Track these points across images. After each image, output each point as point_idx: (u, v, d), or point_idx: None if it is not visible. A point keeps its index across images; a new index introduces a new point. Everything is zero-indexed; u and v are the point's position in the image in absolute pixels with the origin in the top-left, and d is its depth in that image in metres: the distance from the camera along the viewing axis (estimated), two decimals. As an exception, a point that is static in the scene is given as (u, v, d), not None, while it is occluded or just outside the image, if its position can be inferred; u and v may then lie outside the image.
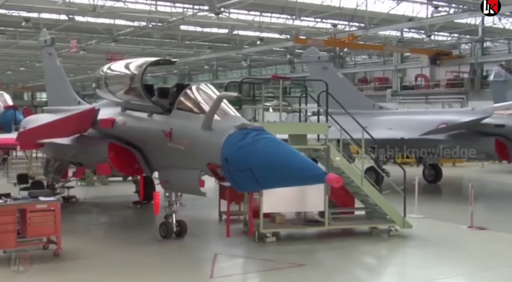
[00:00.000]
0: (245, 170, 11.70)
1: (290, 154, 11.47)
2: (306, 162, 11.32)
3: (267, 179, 11.62)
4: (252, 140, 11.82)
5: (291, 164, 11.18)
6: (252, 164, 11.59)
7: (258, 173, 11.59)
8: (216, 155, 12.39)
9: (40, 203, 13.42)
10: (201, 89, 14.14)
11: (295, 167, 11.13)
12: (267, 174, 11.53)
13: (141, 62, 15.16)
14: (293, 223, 16.26)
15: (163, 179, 14.87)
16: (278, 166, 11.30)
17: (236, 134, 12.14)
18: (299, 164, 11.16)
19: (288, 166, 11.20)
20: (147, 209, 20.62)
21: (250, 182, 11.87)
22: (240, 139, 11.97)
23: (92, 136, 16.62)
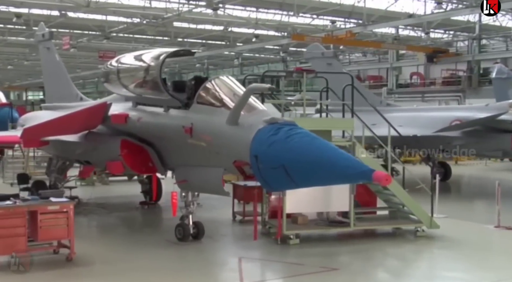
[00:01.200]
0: (278, 168, 10.84)
1: (329, 149, 10.63)
2: (349, 159, 10.48)
3: (303, 177, 10.77)
4: (286, 135, 10.96)
5: (332, 160, 10.33)
6: (286, 161, 10.73)
7: (293, 171, 10.74)
8: (244, 152, 11.52)
9: (52, 204, 12.47)
10: (223, 81, 13.26)
11: (336, 164, 10.27)
12: (303, 172, 10.67)
13: (159, 53, 14.23)
14: (316, 224, 15.42)
15: (180, 178, 13.96)
16: (316, 163, 10.45)
17: (266, 129, 11.28)
18: (341, 160, 10.32)
19: (328, 163, 10.34)
20: (155, 210, 19.75)
21: (283, 180, 11.01)
22: (272, 134, 11.11)
23: (102, 132, 15.66)
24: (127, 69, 15.14)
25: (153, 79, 13.92)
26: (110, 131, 15.46)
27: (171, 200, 14.17)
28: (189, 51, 15.28)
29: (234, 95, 12.84)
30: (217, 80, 13.29)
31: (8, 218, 11.98)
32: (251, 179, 12.45)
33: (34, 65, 76.75)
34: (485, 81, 53.52)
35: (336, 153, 10.51)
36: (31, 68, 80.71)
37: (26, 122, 22.02)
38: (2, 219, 11.91)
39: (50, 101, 23.11)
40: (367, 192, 16.12)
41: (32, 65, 75.95)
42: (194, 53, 16.11)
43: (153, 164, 14.77)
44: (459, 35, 56.22)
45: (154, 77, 13.83)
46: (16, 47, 60.36)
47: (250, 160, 11.39)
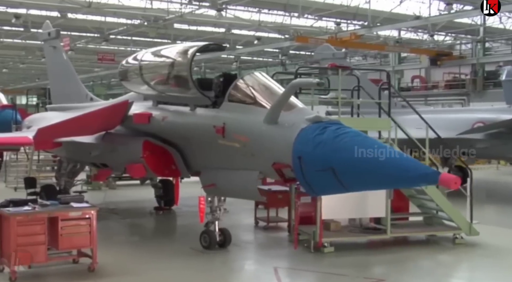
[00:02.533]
0: (326, 170, 9.96)
1: (385, 150, 9.74)
2: (409, 160, 9.59)
3: (356, 180, 9.89)
4: (334, 135, 10.07)
5: (390, 161, 9.44)
6: (335, 163, 9.85)
7: (344, 174, 9.85)
8: (285, 153, 10.63)
9: (73, 210, 11.51)
10: (256, 77, 12.37)
11: (395, 166, 9.38)
12: (355, 175, 9.78)
13: (187, 48, 13.31)
14: (349, 231, 14.52)
15: (207, 182, 13.01)
16: (371, 164, 9.56)
17: (311, 129, 10.39)
18: (401, 161, 9.43)
19: (385, 164, 9.45)
20: (171, 215, 18.78)
21: (331, 184, 10.12)
22: (318, 134, 10.21)
23: (121, 133, 14.70)
24: (150, 65, 14.23)
25: (181, 76, 13.00)
26: (130, 131, 14.51)
27: (199, 205, 13.21)
28: (220, 46, 14.32)
29: (270, 92, 12.00)
30: (250, 77, 12.41)
31: (27, 225, 11.02)
32: (291, 183, 11.51)
33: (29, 68, 75.79)
34: (489, 84, 52.87)
35: (395, 154, 9.63)
36: (27, 71, 79.65)
37: (32, 123, 21.03)
38: (20, 226, 10.95)
39: (57, 102, 22.10)
40: (400, 196, 15.23)
41: (27, 68, 74.91)
42: (225, 48, 15.16)
43: (176, 166, 13.83)
44: (463, 38, 55.47)
45: (183, 73, 12.91)
46: (13, 49, 59.24)
47: (293, 162, 10.50)
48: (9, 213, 11.01)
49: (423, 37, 56.49)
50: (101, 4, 38.86)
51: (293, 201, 14.74)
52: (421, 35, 55.97)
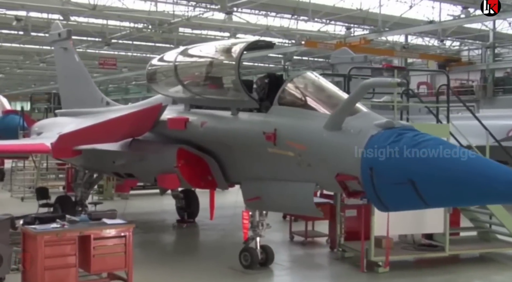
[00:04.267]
0: (404, 184, 8.66)
1: (479, 160, 8.48)
2: (507, 172, 8.25)
3: (441, 195, 8.59)
4: (412, 143, 8.78)
5: (486, 174, 8.15)
6: (416, 175, 8.55)
7: (425, 188, 8.56)
8: (352, 163, 9.33)
9: (107, 228, 10.17)
10: (310, 78, 11.10)
11: (494, 179, 8.08)
12: (442, 189, 8.48)
13: (233, 45, 12.01)
14: (403, 248, 13.23)
15: (251, 194, 11.65)
16: (462, 177, 8.26)
17: (383, 135, 9.09)
18: (500, 174, 8.13)
19: (480, 177, 8.15)
20: (196, 229, 17.43)
21: (409, 199, 8.82)
22: (392, 141, 8.92)
23: (149, 140, 13.37)
24: (188, 65, 12.92)
25: (226, 77, 11.71)
26: (160, 138, 13.18)
27: (242, 221, 11.88)
28: (270, 43, 13.01)
29: (327, 94, 10.73)
30: (302, 77, 11.13)
31: (56, 245, 9.68)
32: (356, 197, 10.19)
33: (26, 73, 74.24)
34: (498, 90, 51.91)
35: (491, 165, 8.33)
36: (23, 76, 78.14)
37: (43, 129, 19.70)
38: (49, 247, 9.61)
39: (68, 107, 20.74)
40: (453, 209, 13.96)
41: (24, 73, 73.38)
42: (274, 45, 13.87)
43: (212, 177, 12.50)
44: (472, 43, 54.53)
45: (229, 74, 11.62)
46: (10, 54, 57.78)
47: (361, 173, 9.18)
48: (35, 231, 9.66)
49: (429, 42, 55.55)
50: (105, 7, 37.58)
51: (339, 214, 13.47)
52: (427, 40, 55.02)
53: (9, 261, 9.96)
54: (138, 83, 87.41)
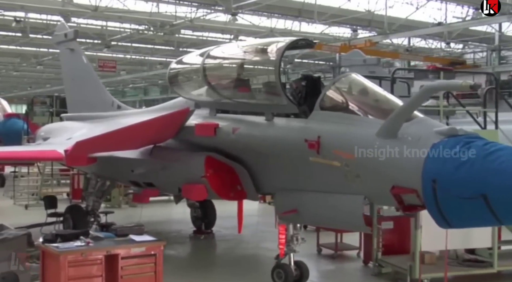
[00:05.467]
0: (475, 198, 7.75)
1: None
2: None
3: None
4: (484, 153, 7.88)
5: None
6: (490, 188, 7.64)
7: (499, 203, 7.65)
8: (411, 175, 8.42)
9: (136, 246, 9.21)
10: (354, 80, 10.19)
11: None
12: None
13: (271, 44, 11.03)
14: (447, 264, 12.27)
15: (287, 207, 10.68)
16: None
17: (447, 144, 8.18)
18: None
19: None
20: (216, 241, 16.46)
21: (478, 215, 7.92)
22: (459, 151, 8.01)
23: (172, 147, 12.41)
24: (219, 66, 11.98)
25: (265, 79, 10.79)
26: (184, 145, 12.22)
27: (279, 235, 10.92)
28: (310, 42, 12.00)
29: (376, 98, 9.84)
30: (346, 79, 10.21)
31: (81, 266, 8.70)
32: (412, 211, 9.28)
33: (22, 76, 73.10)
34: (503, 93, 51.14)
35: None
36: (19, 79, 76.99)
37: (50, 134, 18.69)
38: (73, 268, 8.62)
39: (74, 111, 19.74)
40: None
41: (20, 76, 72.26)
42: (315, 44, 12.92)
43: (242, 187, 11.55)
44: (478, 46, 53.87)
45: (268, 76, 10.70)
46: (7, 56, 56.67)
47: (423, 186, 8.26)
48: (58, 250, 8.68)
49: (432, 44, 54.93)
50: (107, 8, 36.61)
51: (376, 226, 12.54)
52: (430, 43, 54.41)
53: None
54: (135, 86, 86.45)
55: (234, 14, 36.80)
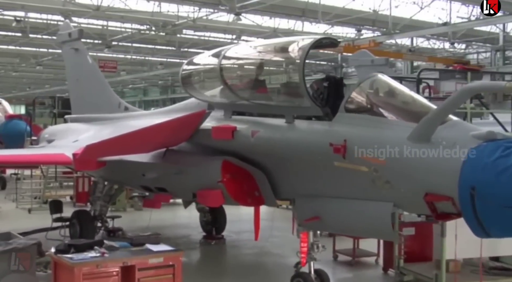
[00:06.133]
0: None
1: None
2: None
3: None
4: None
5: None
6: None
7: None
8: (446, 182, 7.93)
9: (153, 256, 8.72)
10: (382, 81, 9.68)
11: None
12: None
13: (293, 43, 10.52)
14: (472, 272, 11.80)
15: (308, 214, 10.16)
16: None
17: (486, 149, 7.69)
18: None
19: None
20: (227, 246, 15.96)
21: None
22: (500, 156, 7.52)
23: (186, 150, 11.90)
24: (239, 66, 11.48)
25: (288, 79, 10.29)
26: (199, 148, 11.71)
27: (300, 243, 10.42)
28: (334, 40, 11.45)
29: (405, 100, 9.34)
30: (374, 80, 9.67)
31: (96, 278, 8.22)
32: (446, 220, 8.79)
33: (21, 76, 72.51)
34: (508, 94, 50.70)
35: None
36: (18, 79, 76.41)
37: (54, 136, 18.21)
38: (88, 280, 8.19)
39: (79, 112, 19.24)
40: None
41: (19, 76, 71.68)
42: (339, 43, 12.42)
43: (259, 193, 11.04)
44: (482, 46, 53.49)
45: (292, 76, 10.21)
46: (6, 57, 56.12)
47: (459, 193, 7.77)
48: (72, 262, 8.21)
49: (435, 44, 54.62)
50: (109, 8, 36.11)
51: (396, 232, 12.03)
52: (433, 43, 54.10)
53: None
54: (134, 86, 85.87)
55: (238, 14, 36.32)
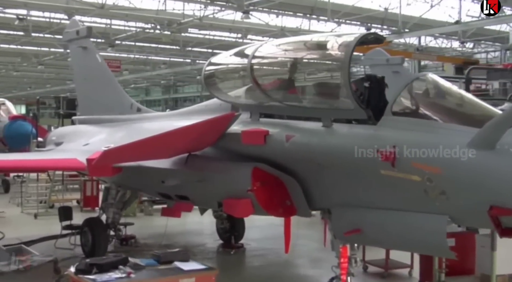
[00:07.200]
0: None
1: None
2: None
3: None
4: None
5: None
6: None
7: None
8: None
9: (185, 276, 7.83)
10: (433, 81, 8.83)
11: None
12: None
13: (335, 39, 9.64)
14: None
15: (348, 226, 9.28)
16: None
17: None
18: None
19: None
20: (248, 256, 15.07)
21: None
22: None
23: (211, 156, 11.01)
24: (271, 64, 10.59)
25: (331, 79, 9.44)
26: (225, 154, 10.82)
27: (341, 259, 9.53)
28: (380, 36, 10.53)
29: (461, 102, 8.45)
30: (424, 80, 8.82)
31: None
32: (510, 236, 7.89)
33: (22, 76, 71.65)
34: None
35: None
36: (19, 79, 75.57)
37: (63, 139, 17.34)
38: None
39: (87, 113, 18.38)
40: None
41: (20, 76, 70.86)
42: (384, 39, 11.54)
43: (291, 202, 10.15)
44: (490, 45, 52.78)
45: (335, 75, 9.31)
46: (7, 56, 55.28)
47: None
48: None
49: (443, 43, 53.96)
50: (114, 6, 35.26)
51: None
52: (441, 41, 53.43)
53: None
54: (136, 86, 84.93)
55: (246, 12, 35.47)
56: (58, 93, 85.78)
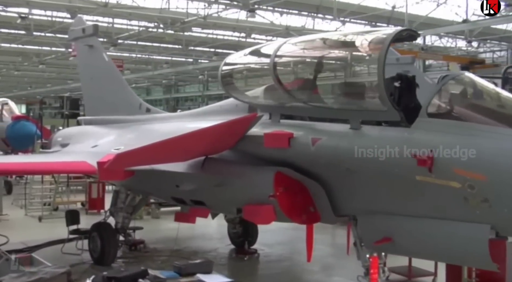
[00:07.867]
0: None
1: None
2: None
3: None
4: None
5: None
6: None
7: None
8: None
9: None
10: (471, 80, 8.32)
11: None
12: None
13: (366, 35, 9.11)
14: None
15: (378, 234, 8.76)
16: None
17: None
18: None
19: None
20: (264, 261, 14.53)
21: None
22: None
23: (229, 159, 10.46)
24: (296, 63, 10.05)
25: (365, 78, 8.88)
26: (244, 157, 10.27)
27: (371, 269, 8.99)
28: (415, 32, 9.99)
29: (503, 104, 7.91)
30: (461, 80, 8.30)
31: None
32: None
33: (23, 75, 71.05)
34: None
35: None
36: (19, 78, 74.99)
37: (69, 140, 16.81)
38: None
39: (93, 114, 17.86)
40: None
41: (21, 75, 70.26)
42: (419, 35, 10.99)
43: (315, 209, 9.62)
44: (497, 44, 52.29)
45: (367, 74, 8.78)
46: (8, 55, 54.69)
47: None
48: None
49: (448, 43, 53.50)
50: (117, 4, 34.73)
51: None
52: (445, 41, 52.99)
53: None
54: (137, 85, 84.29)
55: (252, 10, 34.93)
56: (59, 92, 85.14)
